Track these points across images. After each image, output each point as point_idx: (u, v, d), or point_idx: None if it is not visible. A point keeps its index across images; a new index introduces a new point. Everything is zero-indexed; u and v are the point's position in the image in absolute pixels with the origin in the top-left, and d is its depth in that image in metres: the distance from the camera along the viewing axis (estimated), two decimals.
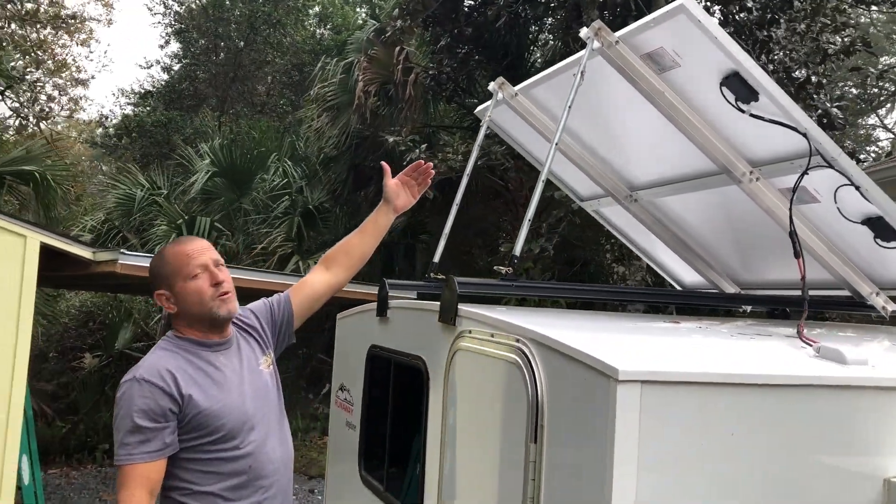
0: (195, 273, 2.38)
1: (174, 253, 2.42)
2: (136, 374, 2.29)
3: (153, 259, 2.51)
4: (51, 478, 8.92)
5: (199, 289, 2.37)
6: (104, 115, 22.54)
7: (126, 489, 2.22)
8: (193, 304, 2.39)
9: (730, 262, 3.97)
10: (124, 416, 2.25)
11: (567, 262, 11.74)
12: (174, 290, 2.39)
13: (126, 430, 2.24)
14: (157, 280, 2.42)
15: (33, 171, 10.54)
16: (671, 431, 1.82)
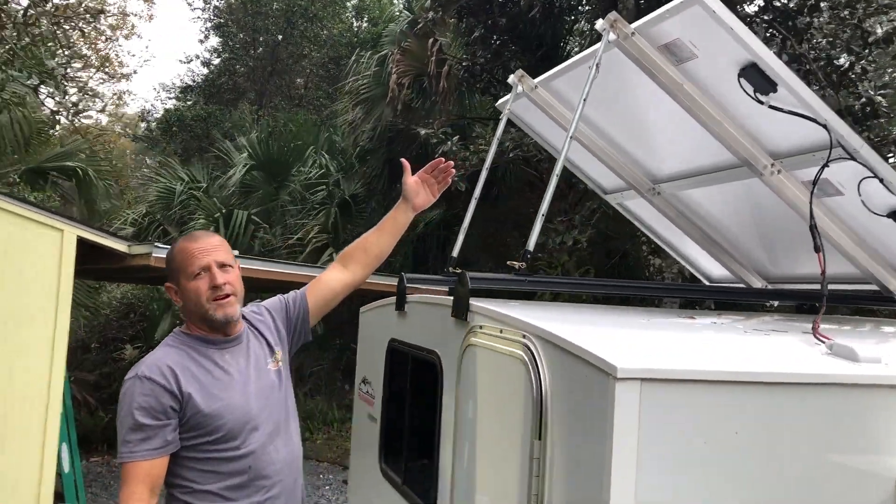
0: (196, 273, 2.36)
1: (181, 249, 2.41)
2: (139, 372, 2.29)
3: (169, 251, 2.50)
4: (93, 465, 9.15)
5: (197, 289, 2.36)
6: (146, 109, 22.94)
7: (128, 486, 2.22)
8: (191, 303, 2.38)
9: (757, 255, 3.91)
10: (126, 414, 2.25)
11: (606, 254, 11.63)
12: (179, 286, 2.40)
13: (128, 427, 2.24)
14: (168, 273, 2.45)
15: (75, 167, 10.79)
16: (672, 430, 1.80)
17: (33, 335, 5.77)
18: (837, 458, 1.92)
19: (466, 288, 2.66)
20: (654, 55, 2.88)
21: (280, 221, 13.80)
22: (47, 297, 5.84)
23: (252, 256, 10.44)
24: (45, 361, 5.81)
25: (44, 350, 5.81)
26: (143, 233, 12.91)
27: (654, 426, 1.78)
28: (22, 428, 5.69)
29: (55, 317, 5.89)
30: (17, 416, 5.66)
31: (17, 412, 5.67)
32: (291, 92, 19.64)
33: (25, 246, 5.76)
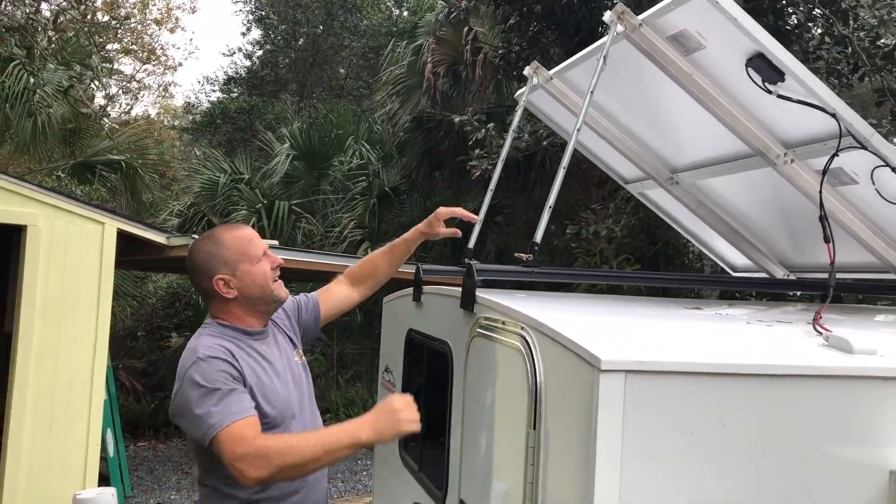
0: (260, 256, 2.39)
1: (235, 236, 2.40)
2: (199, 355, 2.24)
3: (204, 246, 2.41)
4: (140, 450, 9.45)
5: (264, 272, 2.39)
6: (191, 102, 23.38)
7: (232, 445, 2.11)
8: (256, 287, 2.38)
9: (778, 245, 3.87)
10: (203, 395, 2.17)
11: (651, 241, 11.53)
12: (237, 274, 2.36)
13: (211, 403, 2.15)
14: (217, 264, 2.36)
15: (121, 160, 11.09)
16: (658, 421, 1.83)
17: (77, 324, 6.00)
18: (829, 450, 1.93)
19: (473, 280, 2.70)
20: (663, 46, 2.88)
21: (321, 211, 13.99)
22: (90, 287, 6.07)
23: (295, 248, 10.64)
24: (88, 349, 6.04)
25: (87, 338, 6.04)
26: (188, 223, 13.20)
27: (639, 417, 1.81)
28: (68, 413, 5.93)
29: (97, 306, 6.11)
30: (63, 402, 5.90)
31: (64, 398, 5.92)
32: (332, 82, 19.83)
33: (69, 238, 5.98)
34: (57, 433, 5.86)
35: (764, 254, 3.93)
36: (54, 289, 5.89)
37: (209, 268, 2.36)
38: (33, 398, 5.75)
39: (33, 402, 5.75)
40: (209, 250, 2.38)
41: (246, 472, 2.09)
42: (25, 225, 5.76)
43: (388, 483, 3.95)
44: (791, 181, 3.05)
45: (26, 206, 5.73)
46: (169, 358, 11.74)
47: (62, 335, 5.91)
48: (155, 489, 7.88)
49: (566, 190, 13.48)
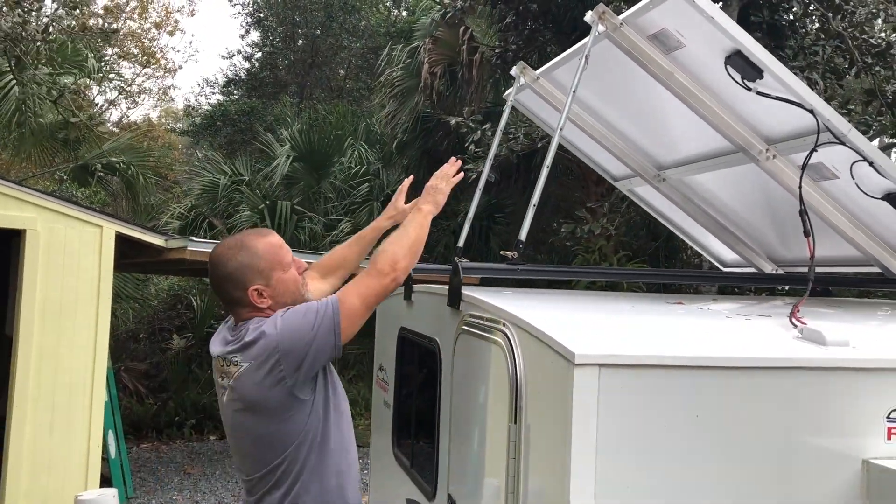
0: (290, 263, 2.40)
1: (267, 244, 2.37)
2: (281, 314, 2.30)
3: (237, 255, 2.34)
4: (142, 451, 9.50)
5: (295, 279, 2.40)
6: (191, 105, 23.45)
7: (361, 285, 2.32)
8: (289, 294, 2.37)
9: (766, 239, 3.91)
10: (307, 309, 2.27)
11: (653, 237, 11.57)
12: (271, 282, 2.33)
13: (315, 306, 2.27)
14: (252, 275, 2.32)
15: (121, 163, 11.15)
16: (632, 414, 1.87)
17: (77, 327, 6.06)
18: (803, 441, 1.97)
19: (459, 278, 2.75)
20: (644, 45, 2.92)
21: (322, 211, 14.04)
22: (89, 289, 6.12)
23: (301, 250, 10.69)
24: (88, 351, 6.10)
25: (87, 341, 6.09)
26: (190, 226, 13.23)
27: (613, 410, 1.85)
28: (69, 415, 5.99)
29: (97, 308, 6.17)
30: (63, 403, 5.96)
31: (64, 400, 5.97)
32: (332, 83, 19.88)
33: (67, 242, 6.03)
34: (58, 435, 5.92)
35: (752, 249, 3.96)
36: (54, 292, 5.94)
37: (244, 278, 2.32)
38: (34, 400, 5.81)
39: (34, 404, 5.81)
40: (242, 260, 2.33)
41: (399, 272, 2.34)
42: (24, 229, 5.82)
43: (383, 480, 4.00)
44: (774, 176, 3.09)
45: (24, 211, 5.79)
46: (171, 360, 11.80)
47: (62, 338, 5.96)
48: (157, 490, 7.93)
49: (564, 188, 13.57)
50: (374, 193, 13.28)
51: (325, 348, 2.24)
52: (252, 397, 2.29)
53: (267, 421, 2.30)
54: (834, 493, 1.96)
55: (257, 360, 2.24)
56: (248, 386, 2.27)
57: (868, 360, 2.00)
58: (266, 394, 2.26)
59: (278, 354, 2.20)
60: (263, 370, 2.22)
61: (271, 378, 2.22)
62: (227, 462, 9.09)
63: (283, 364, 2.20)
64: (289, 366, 2.21)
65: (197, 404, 10.77)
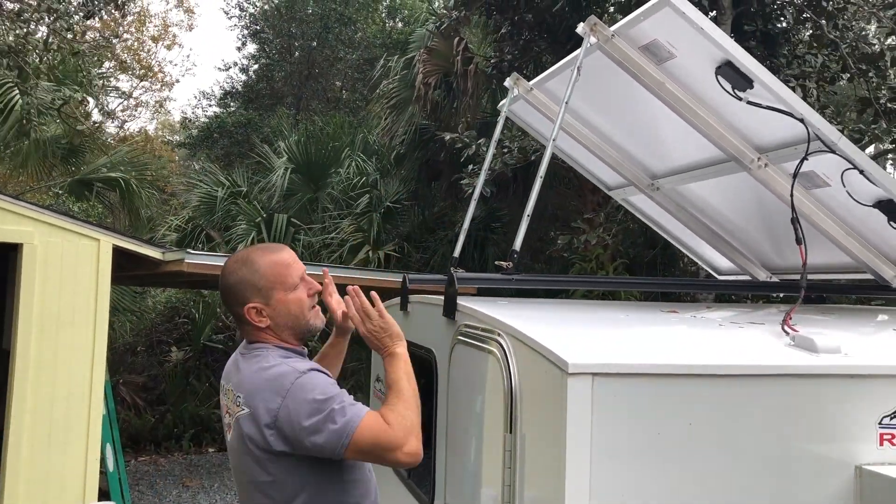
0: (296, 283, 2.26)
1: (271, 262, 2.25)
2: (299, 369, 2.12)
3: (239, 269, 2.26)
4: (140, 465, 9.49)
5: (300, 300, 2.26)
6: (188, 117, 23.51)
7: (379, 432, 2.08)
8: (291, 317, 2.25)
9: (760, 247, 3.93)
10: (320, 400, 2.04)
11: (650, 246, 11.61)
12: (271, 302, 2.22)
13: (332, 405, 2.04)
14: (250, 292, 2.22)
15: (118, 177, 11.17)
16: (626, 422, 1.88)
17: (74, 340, 6.06)
18: (796, 447, 1.98)
19: (454, 288, 2.77)
20: (636, 56, 2.95)
21: (320, 223, 14.06)
22: (86, 303, 6.12)
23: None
24: (86, 365, 6.09)
25: (84, 354, 6.09)
26: (187, 238, 13.24)
27: (607, 419, 1.86)
28: (66, 429, 5.97)
29: (94, 321, 6.16)
30: (61, 417, 5.95)
31: (62, 414, 5.96)
32: (329, 94, 19.94)
33: (64, 255, 6.04)
34: (56, 448, 5.91)
35: (746, 257, 3.99)
36: (51, 305, 5.95)
37: (241, 294, 2.23)
38: (32, 414, 5.80)
39: (32, 417, 5.80)
40: (243, 276, 2.23)
41: (413, 446, 2.12)
42: (21, 243, 5.82)
43: (380, 491, 3.99)
44: (766, 185, 3.11)
45: (21, 225, 5.80)
46: (169, 372, 11.79)
47: (59, 351, 5.96)
48: (156, 503, 7.92)
49: (562, 197, 13.62)
50: (373, 204, 13.29)
51: (318, 452, 2.07)
52: (246, 444, 2.14)
53: (258, 470, 2.15)
54: (827, 499, 1.97)
55: (254, 414, 2.10)
56: (244, 431, 2.13)
57: (859, 367, 2.02)
58: (256, 448, 2.11)
59: (273, 425, 2.07)
60: (256, 427, 2.09)
61: (261, 437, 2.09)
62: (226, 475, 9.07)
63: (273, 431, 2.07)
64: (277, 441, 2.07)
65: (195, 417, 10.77)
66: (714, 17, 9.75)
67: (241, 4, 20.63)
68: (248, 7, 20.51)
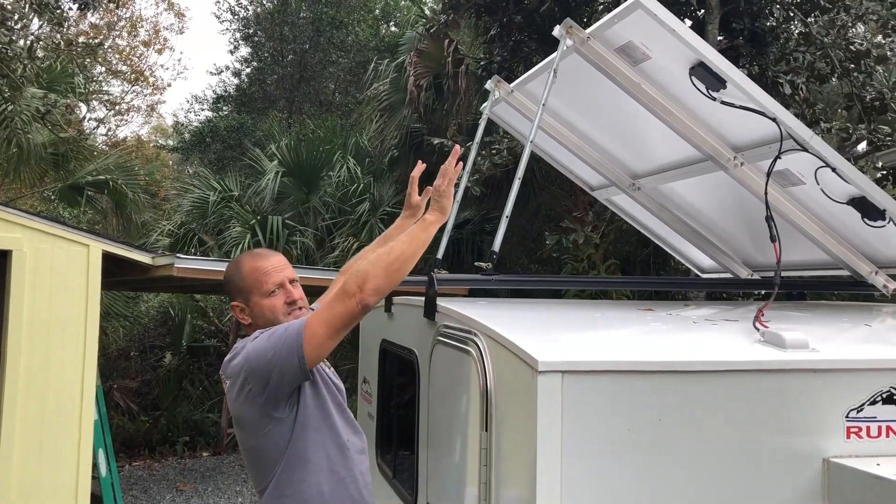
0: (272, 290, 2.40)
1: (252, 268, 2.43)
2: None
3: (230, 268, 2.50)
4: (134, 469, 9.50)
5: (273, 306, 2.40)
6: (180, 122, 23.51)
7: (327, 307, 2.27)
8: (266, 320, 2.40)
9: (741, 245, 3.97)
10: (269, 331, 2.30)
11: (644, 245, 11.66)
12: (249, 304, 2.42)
13: (279, 330, 2.27)
14: (234, 292, 2.45)
15: (109, 182, 11.18)
16: (596, 419, 1.92)
17: (65, 346, 6.07)
18: (765, 441, 2.01)
19: (434, 289, 2.80)
20: (611, 58, 2.98)
21: (313, 225, 14.07)
22: (77, 308, 6.14)
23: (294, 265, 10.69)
24: (77, 370, 6.10)
25: (75, 360, 6.10)
26: (180, 243, 13.25)
27: (577, 415, 1.90)
28: (58, 435, 5.98)
29: (85, 327, 6.18)
30: (52, 423, 5.96)
31: (53, 420, 5.97)
32: (321, 98, 19.96)
33: (54, 261, 6.05)
34: (47, 455, 5.92)
35: (727, 254, 4.02)
36: (41, 311, 5.96)
37: (229, 293, 2.48)
38: (23, 420, 5.81)
39: (22, 424, 5.81)
40: (230, 276, 2.47)
41: (365, 294, 2.21)
42: (10, 250, 5.84)
43: None
44: (742, 183, 3.15)
45: (10, 231, 5.81)
46: (162, 377, 11.80)
47: (50, 357, 5.97)
48: None
49: (553, 198, 13.67)
50: (372, 210, 13.28)
51: (288, 369, 2.22)
52: (235, 413, 2.38)
53: (250, 436, 2.37)
54: (795, 492, 2.01)
55: (233, 378, 2.33)
56: (230, 401, 2.37)
57: (826, 362, 2.05)
58: (242, 410, 2.33)
59: (245, 373, 2.26)
60: (237, 387, 2.30)
61: (244, 396, 2.29)
62: (220, 478, 9.09)
63: (251, 383, 2.26)
64: (256, 385, 2.25)
65: (189, 421, 10.78)
66: (702, 16, 9.80)
67: (232, 8, 20.65)
68: (240, 11, 20.53)
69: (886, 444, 2.04)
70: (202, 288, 10.38)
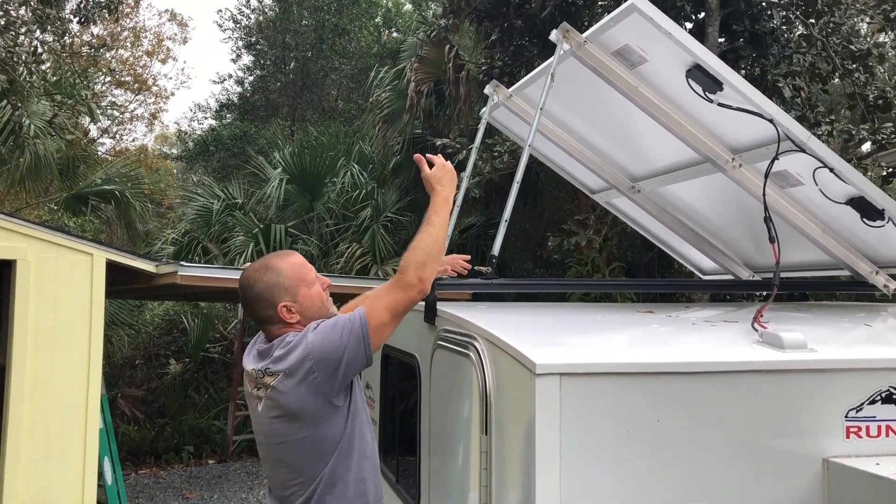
0: (314, 279, 2.53)
1: (290, 263, 2.51)
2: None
3: (266, 275, 2.49)
4: (140, 478, 9.51)
5: (319, 294, 2.52)
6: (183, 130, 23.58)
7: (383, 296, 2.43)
8: (316, 308, 2.49)
9: (742, 247, 3.97)
10: (333, 324, 2.37)
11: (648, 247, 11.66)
12: (298, 299, 2.47)
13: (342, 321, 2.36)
14: (279, 292, 2.46)
15: (114, 191, 11.22)
16: (594, 421, 1.92)
17: (70, 355, 6.09)
18: (764, 442, 2.01)
19: (434, 293, 2.80)
20: (609, 61, 2.99)
21: (317, 232, 14.10)
22: (81, 317, 6.16)
23: None
24: (81, 379, 6.12)
25: (80, 368, 6.12)
26: (184, 251, 13.28)
27: (575, 418, 1.90)
28: (63, 443, 6.00)
29: (89, 336, 6.20)
30: (58, 432, 5.98)
31: (59, 429, 5.99)
32: (324, 105, 20.01)
33: (58, 271, 6.08)
34: (53, 463, 5.93)
35: (728, 256, 4.02)
36: (46, 321, 5.98)
37: (272, 297, 2.46)
38: (28, 429, 5.83)
39: (28, 433, 5.83)
40: (269, 281, 2.48)
41: (424, 281, 2.43)
42: (14, 259, 5.86)
43: None
44: (741, 185, 3.15)
45: (14, 241, 5.84)
46: (168, 385, 11.81)
47: (55, 366, 5.99)
48: None
49: (557, 201, 13.69)
50: (375, 216, 13.29)
51: (356, 357, 2.34)
52: (290, 405, 2.36)
53: (307, 426, 2.38)
54: (795, 492, 2.01)
55: (291, 369, 2.34)
56: (285, 394, 2.35)
57: (824, 362, 2.05)
58: (303, 401, 2.34)
59: (311, 362, 2.31)
60: (298, 377, 2.32)
61: (306, 385, 2.31)
62: (226, 485, 9.10)
63: (317, 372, 2.30)
64: (323, 373, 2.31)
65: (195, 429, 10.78)
66: (702, 19, 9.82)
67: (234, 17, 20.73)
68: (242, 19, 20.61)
69: (886, 444, 2.04)
70: (206, 296, 10.39)
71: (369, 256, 12.50)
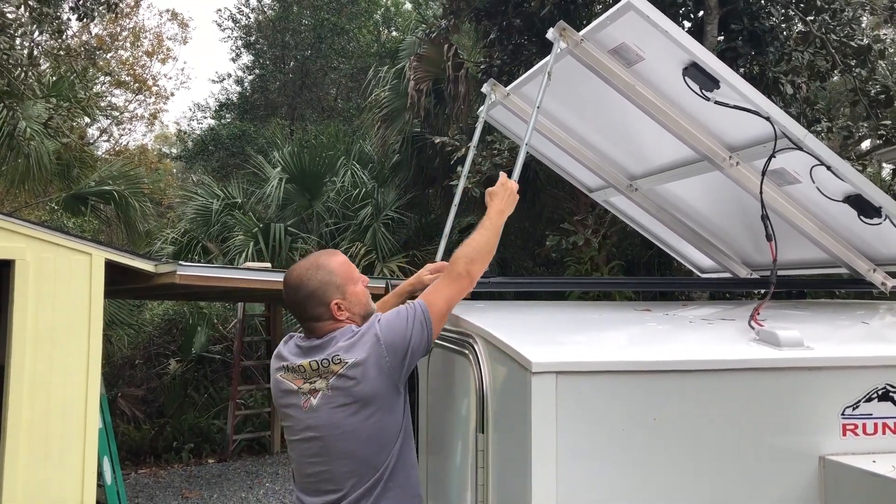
0: (358, 278, 2.61)
1: (340, 262, 2.59)
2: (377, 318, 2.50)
3: (318, 274, 2.55)
4: (140, 477, 9.50)
5: (363, 290, 2.60)
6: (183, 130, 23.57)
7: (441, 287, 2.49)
8: (362, 304, 2.57)
9: (740, 245, 3.97)
10: (397, 314, 2.44)
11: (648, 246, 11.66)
12: (347, 296, 2.53)
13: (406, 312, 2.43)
14: (331, 290, 2.52)
15: (113, 191, 11.22)
16: (590, 419, 1.92)
17: (69, 354, 6.09)
18: (760, 440, 2.02)
19: None
20: (605, 60, 2.99)
21: (316, 232, 14.10)
22: (80, 317, 6.16)
23: None
24: (80, 379, 6.13)
25: (79, 368, 6.13)
26: (184, 251, 13.28)
27: (571, 416, 1.90)
28: (63, 443, 6.01)
29: (88, 335, 6.20)
30: (57, 432, 5.98)
31: (58, 428, 5.99)
32: (323, 104, 20.01)
33: (57, 270, 6.08)
34: (52, 463, 5.94)
35: (726, 254, 4.02)
36: (45, 320, 5.99)
37: (325, 295, 2.51)
38: (27, 429, 5.83)
39: (28, 432, 5.83)
40: (322, 279, 2.53)
41: (473, 275, 2.50)
42: (13, 259, 5.87)
43: None
44: (739, 183, 3.15)
45: (13, 241, 5.84)
46: (167, 385, 11.81)
47: (54, 366, 6.00)
48: None
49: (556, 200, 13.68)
50: (374, 215, 13.29)
51: (420, 344, 2.39)
52: (363, 390, 2.36)
53: (381, 411, 2.38)
54: (792, 489, 2.01)
55: (367, 355, 2.37)
56: (357, 379, 2.36)
57: (820, 360, 2.05)
58: (376, 386, 2.37)
59: (383, 347, 2.37)
60: (371, 362, 2.36)
61: (379, 370, 2.35)
62: (226, 485, 9.10)
63: (388, 356, 2.36)
64: (393, 358, 2.36)
65: (195, 428, 10.78)
66: (701, 17, 9.81)
67: (234, 16, 20.72)
68: (242, 19, 20.60)
69: (882, 441, 2.04)
70: (206, 295, 10.39)
71: (374, 255, 12.50)
